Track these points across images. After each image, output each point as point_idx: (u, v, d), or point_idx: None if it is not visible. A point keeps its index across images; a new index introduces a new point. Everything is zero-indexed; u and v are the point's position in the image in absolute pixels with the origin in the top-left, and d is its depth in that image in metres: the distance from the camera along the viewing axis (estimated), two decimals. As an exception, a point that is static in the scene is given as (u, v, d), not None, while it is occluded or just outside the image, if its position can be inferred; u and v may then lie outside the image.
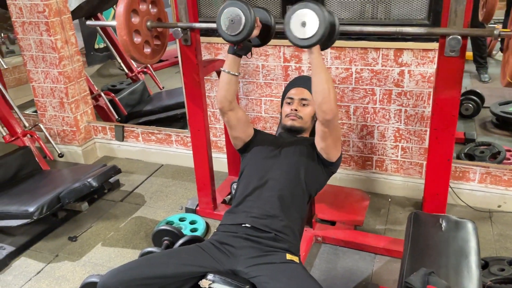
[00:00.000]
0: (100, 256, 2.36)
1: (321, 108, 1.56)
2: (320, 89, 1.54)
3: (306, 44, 1.53)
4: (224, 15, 1.64)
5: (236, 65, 1.72)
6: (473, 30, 1.65)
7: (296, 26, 1.51)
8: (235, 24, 1.61)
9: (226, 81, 1.73)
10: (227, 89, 1.73)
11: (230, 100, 1.75)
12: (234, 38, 1.63)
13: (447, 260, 1.53)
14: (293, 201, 1.65)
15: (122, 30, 2.00)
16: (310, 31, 1.49)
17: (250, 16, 1.59)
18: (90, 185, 2.36)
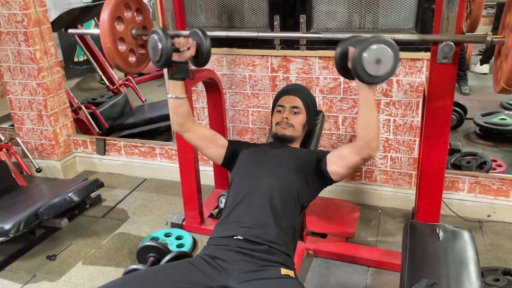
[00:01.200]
0: (80, 275, 2.24)
1: (370, 145, 1.53)
2: (372, 126, 1.52)
3: (374, 82, 1.45)
4: (149, 43, 1.66)
5: (177, 89, 1.69)
6: (465, 37, 1.65)
7: (370, 63, 1.40)
8: (155, 51, 1.62)
9: (172, 105, 1.72)
10: (174, 113, 1.73)
11: (181, 123, 1.74)
12: (158, 64, 1.64)
13: (447, 270, 1.48)
14: (285, 210, 1.59)
15: (107, 37, 1.93)
16: (384, 70, 1.41)
17: (166, 43, 1.57)
18: (71, 200, 2.25)
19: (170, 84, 1.69)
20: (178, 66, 1.66)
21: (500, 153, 3.33)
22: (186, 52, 1.64)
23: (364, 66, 1.41)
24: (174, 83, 1.68)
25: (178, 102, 1.70)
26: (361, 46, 1.40)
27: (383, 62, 1.40)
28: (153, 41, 1.60)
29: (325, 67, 2.51)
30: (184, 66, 1.67)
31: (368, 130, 1.51)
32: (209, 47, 1.71)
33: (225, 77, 2.74)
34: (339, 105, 2.58)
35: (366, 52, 1.40)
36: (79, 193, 2.29)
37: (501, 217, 2.50)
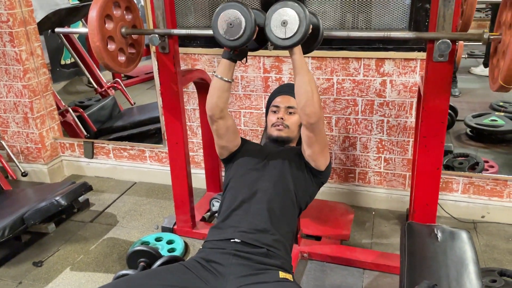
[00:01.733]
0: (68, 282, 2.16)
1: (305, 111, 1.49)
2: (303, 91, 1.47)
3: (286, 44, 1.46)
4: (221, 18, 1.52)
5: (230, 71, 1.61)
6: (462, 34, 1.63)
7: (276, 26, 1.45)
8: (234, 27, 1.49)
9: (218, 87, 1.61)
10: (218, 96, 1.62)
11: (221, 108, 1.64)
12: (233, 43, 1.52)
13: (447, 271, 1.45)
14: (283, 214, 1.54)
15: (95, 35, 1.87)
16: (291, 30, 1.43)
17: (250, 19, 1.48)
18: (58, 204, 2.17)
19: (225, 64, 1.59)
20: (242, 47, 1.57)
21: (491, 154, 3.33)
22: None
23: (271, 30, 1.44)
24: (230, 65, 1.59)
25: (227, 86, 1.61)
26: (269, 11, 1.46)
27: (289, 23, 1.42)
28: (232, 15, 1.47)
29: (318, 67, 2.48)
30: (245, 48, 1.61)
31: (299, 95, 1.47)
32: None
33: (217, 78, 2.69)
34: (332, 106, 2.55)
35: (272, 17, 1.44)
36: (67, 197, 2.21)
37: (495, 218, 2.50)
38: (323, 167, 1.66)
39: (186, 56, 2.69)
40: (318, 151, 1.60)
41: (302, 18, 1.42)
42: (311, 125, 1.51)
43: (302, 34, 1.42)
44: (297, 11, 1.42)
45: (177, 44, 2.09)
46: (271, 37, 1.47)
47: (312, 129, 1.52)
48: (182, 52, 2.66)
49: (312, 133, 1.54)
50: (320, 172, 1.66)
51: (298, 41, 1.44)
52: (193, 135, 2.90)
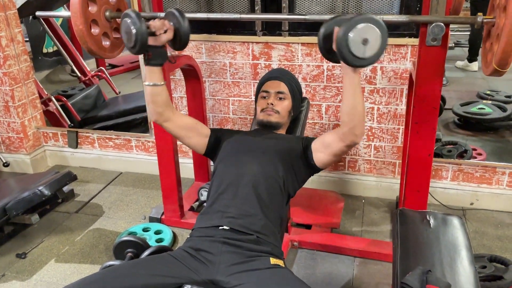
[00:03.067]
0: (53, 273, 2.11)
1: (354, 131, 1.45)
2: (358, 111, 1.43)
3: (361, 64, 1.34)
4: (122, 28, 1.52)
5: (155, 75, 1.56)
6: (456, 17, 1.61)
7: (356, 43, 1.28)
8: (128, 36, 1.48)
9: (149, 93, 1.59)
10: (153, 101, 1.59)
11: (159, 112, 1.61)
12: (133, 50, 1.50)
13: (441, 257, 1.43)
14: (271, 199, 1.51)
15: (78, 18, 1.81)
16: (371, 51, 1.30)
17: (140, 27, 1.44)
18: (42, 194, 2.10)
19: (147, 70, 1.57)
20: (154, 51, 1.53)
21: (479, 142, 3.35)
22: (162, 36, 1.52)
23: (350, 47, 1.29)
24: (151, 69, 1.56)
25: (156, 90, 1.57)
26: (346, 26, 1.29)
27: (370, 42, 1.29)
28: (126, 25, 1.46)
29: (308, 54, 2.44)
30: (161, 51, 1.55)
31: (352, 116, 1.43)
32: (187, 29, 1.58)
33: (204, 65, 2.63)
34: (322, 93, 2.51)
35: (352, 32, 1.29)
36: (51, 187, 2.14)
37: (483, 205, 2.50)
38: (326, 167, 1.64)
39: (173, 42, 2.62)
40: (337, 160, 1.60)
41: (385, 40, 1.31)
42: (355, 144, 1.50)
43: (378, 57, 1.32)
44: (382, 32, 1.30)
45: (164, 28, 2.02)
46: (345, 54, 1.31)
47: (351, 147, 1.52)
48: (168, 38, 2.59)
49: (348, 149, 1.53)
50: (318, 168, 1.63)
51: (371, 63, 1.34)
52: (181, 123, 2.84)
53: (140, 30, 1.44)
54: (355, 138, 1.47)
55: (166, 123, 1.64)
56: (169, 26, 1.54)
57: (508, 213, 2.46)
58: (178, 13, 1.57)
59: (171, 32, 1.54)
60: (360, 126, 1.45)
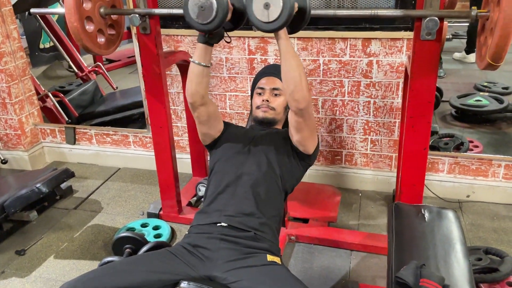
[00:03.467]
0: (52, 270, 2.12)
1: (293, 97, 1.43)
2: (291, 76, 1.42)
3: (270, 28, 1.37)
4: (191, 1, 1.43)
5: (208, 55, 1.53)
6: (450, 12, 1.60)
7: (258, 9, 1.34)
8: (205, 11, 1.40)
9: (197, 73, 1.55)
10: (198, 82, 1.55)
11: (202, 94, 1.58)
12: (206, 27, 1.43)
13: (435, 251, 1.45)
14: (269, 198, 1.52)
15: (72, 15, 1.80)
16: (274, 14, 1.34)
17: (222, 1, 1.39)
18: (39, 191, 2.11)
19: (201, 49, 1.51)
20: None
21: (476, 134, 3.36)
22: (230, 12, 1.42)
23: (254, 13, 1.35)
24: (207, 49, 1.51)
25: (205, 71, 1.54)
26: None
27: (271, 5, 1.33)
28: None
29: (304, 48, 2.44)
30: (221, 30, 1.51)
31: (287, 81, 1.42)
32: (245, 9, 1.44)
33: (201, 60, 2.63)
34: (319, 88, 2.52)
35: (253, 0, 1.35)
36: (48, 184, 2.15)
37: (480, 197, 2.52)
38: (312, 151, 1.63)
39: (169, 37, 2.62)
40: (308, 136, 1.57)
41: (285, 1, 1.33)
42: (301, 110, 1.46)
43: (286, 17, 1.34)
44: None
45: (159, 25, 2.03)
46: (253, 20, 1.38)
47: (302, 115, 1.48)
48: (164, 33, 2.59)
49: (302, 118, 1.50)
50: (308, 155, 1.64)
51: (282, 25, 1.36)
52: (178, 119, 2.85)
53: (224, 3, 1.39)
54: (297, 103, 1.44)
55: (202, 106, 1.60)
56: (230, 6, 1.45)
57: (504, 205, 2.47)
58: None
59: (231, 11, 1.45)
60: (299, 91, 1.42)
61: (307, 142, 1.59)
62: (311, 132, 1.57)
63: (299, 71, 1.41)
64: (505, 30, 1.36)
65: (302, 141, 1.59)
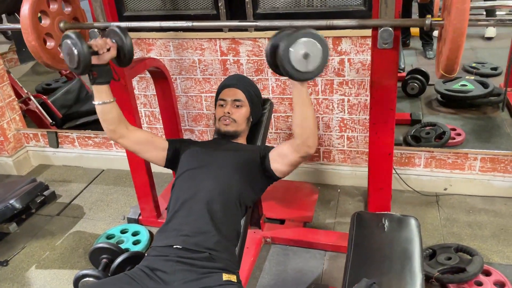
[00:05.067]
0: (34, 281, 2.18)
1: (307, 143, 1.46)
2: (308, 124, 1.44)
3: (304, 78, 1.35)
4: (63, 50, 1.48)
5: (103, 94, 1.55)
6: (404, 20, 1.57)
7: (297, 57, 1.30)
8: (70, 58, 1.45)
9: (100, 112, 1.58)
10: (105, 120, 1.59)
11: (113, 130, 1.61)
12: (77, 71, 1.47)
13: (391, 265, 1.47)
14: (225, 215, 1.53)
15: (29, 35, 1.79)
16: (313, 65, 1.31)
17: (81, 48, 1.41)
18: (13, 207, 2.15)
19: (94, 90, 1.55)
20: (99, 69, 1.52)
21: (460, 120, 3.33)
22: (106, 54, 1.50)
23: (291, 62, 1.31)
24: (99, 88, 1.55)
25: (106, 108, 1.57)
26: (287, 41, 1.30)
27: (312, 56, 1.31)
28: (67, 46, 1.44)
29: (275, 48, 2.41)
30: (106, 69, 1.53)
31: (303, 128, 1.44)
32: (130, 45, 1.55)
33: (174, 62, 2.61)
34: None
35: (293, 47, 1.30)
36: (21, 200, 2.19)
37: (457, 190, 2.52)
38: (283, 176, 1.65)
39: (140, 41, 2.60)
40: (294, 169, 1.60)
41: (326, 54, 1.32)
42: (308, 155, 1.51)
43: (320, 70, 1.34)
44: (322, 46, 1.31)
45: (121, 37, 2.00)
46: (286, 67, 1.31)
47: (306, 158, 1.53)
48: (135, 37, 2.57)
49: (303, 160, 1.54)
50: (276, 177, 1.65)
51: (314, 76, 1.35)
52: (156, 121, 2.85)
53: (82, 51, 1.42)
54: (308, 149, 1.48)
55: (121, 139, 1.64)
56: (112, 44, 1.53)
57: (481, 197, 2.48)
58: (119, 30, 1.55)
59: (114, 49, 1.53)
60: (312, 138, 1.46)
61: (286, 172, 1.63)
62: (297, 166, 1.61)
63: (314, 119, 1.44)
64: (455, 44, 1.34)
65: (284, 172, 1.63)
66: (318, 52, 1.31)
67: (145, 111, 2.86)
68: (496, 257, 2.08)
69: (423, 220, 2.35)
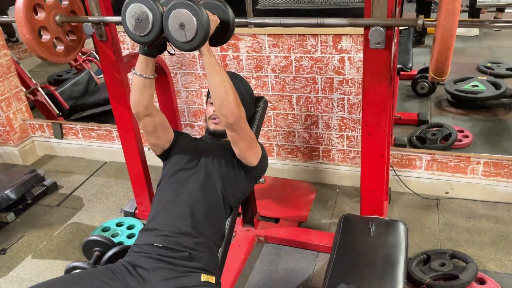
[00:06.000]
0: (28, 270, 2.22)
1: (221, 112, 1.43)
2: (217, 92, 1.40)
3: (188, 48, 1.34)
4: (128, 13, 1.40)
5: (149, 67, 1.52)
6: (396, 20, 1.52)
7: (175, 29, 1.32)
8: (142, 23, 1.38)
9: (138, 84, 1.53)
10: (140, 94, 1.55)
11: (145, 106, 1.57)
12: (143, 39, 1.41)
13: (373, 271, 1.44)
14: (208, 216, 1.52)
15: (23, 28, 1.79)
16: (190, 33, 1.31)
17: (157, 13, 1.36)
18: (8, 198, 2.18)
19: (142, 60, 1.50)
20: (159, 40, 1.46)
21: (469, 122, 3.24)
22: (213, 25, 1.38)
23: (171, 34, 1.33)
24: (147, 60, 1.50)
25: (148, 82, 1.53)
26: (165, 11, 1.33)
27: (187, 25, 1.30)
28: (139, 10, 1.36)
29: (275, 44, 2.38)
30: (163, 41, 1.50)
31: (214, 97, 1.41)
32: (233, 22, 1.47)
33: (174, 57, 2.61)
34: (292, 84, 2.46)
35: (168, 19, 1.32)
36: (16, 191, 2.22)
37: (459, 194, 2.46)
38: (255, 162, 1.61)
39: (142, 35, 2.59)
40: (246, 149, 1.55)
41: (199, 19, 1.29)
42: (231, 125, 1.46)
43: (202, 37, 1.31)
44: (192, 12, 1.29)
45: (116, 31, 2.00)
46: (171, 41, 1.35)
47: (233, 129, 1.47)
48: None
49: (234, 132, 1.49)
50: (253, 167, 1.62)
51: (199, 44, 1.33)
52: (157, 115, 2.85)
53: (159, 15, 1.36)
54: (225, 118, 1.44)
55: (147, 117, 1.60)
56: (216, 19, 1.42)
57: (483, 203, 2.41)
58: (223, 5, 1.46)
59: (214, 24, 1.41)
60: (226, 107, 1.41)
61: (246, 154, 1.58)
62: (248, 144, 1.55)
63: (224, 86, 1.39)
64: (444, 46, 1.29)
65: (241, 153, 1.58)
66: (191, 19, 1.29)
67: (146, 105, 2.86)
68: (493, 265, 2.02)
69: (421, 224, 2.30)
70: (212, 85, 1.40)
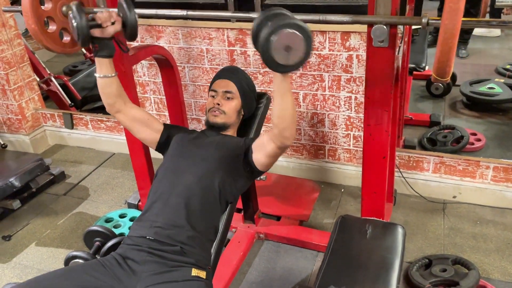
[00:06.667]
0: (31, 257, 2.25)
1: (283, 134, 1.42)
2: (286, 115, 1.38)
3: (285, 71, 1.27)
4: (69, 22, 1.47)
5: (104, 67, 1.55)
6: (400, 18, 1.48)
7: (279, 50, 1.19)
8: (72, 30, 1.45)
9: (100, 85, 1.59)
10: (103, 93, 1.60)
11: (111, 104, 1.62)
12: (78, 43, 1.47)
13: (366, 273, 1.41)
14: (203, 210, 1.51)
15: (30, 18, 1.82)
16: (294, 59, 1.21)
17: (80, 20, 1.40)
18: (12, 185, 2.22)
19: (96, 62, 1.55)
20: (101, 42, 1.51)
21: (483, 125, 3.16)
22: (110, 28, 1.48)
23: (272, 54, 1.21)
24: (100, 61, 1.54)
25: (106, 82, 1.57)
26: (270, 28, 1.19)
27: (294, 49, 1.20)
28: (69, 19, 1.45)
29: (283, 40, 2.34)
30: (108, 43, 1.52)
31: (281, 119, 1.38)
32: (134, 20, 1.52)
33: (182, 50, 2.60)
34: (299, 81, 2.43)
35: (274, 37, 1.19)
36: (21, 179, 2.25)
37: (466, 199, 2.39)
38: (267, 168, 1.61)
39: (151, 27, 2.60)
40: (274, 161, 1.56)
41: (309, 48, 1.21)
42: (285, 146, 1.47)
43: (303, 64, 1.25)
44: (306, 39, 1.19)
45: (121, 23, 2.00)
46: (267, 60, 1.22)
47: (283, 149, 1.49)
48: (146, 23, 2.58)
49: (281, 151, 1.50)
50: (257, 169, 1.61)
51: (300, 67, 1.26)
52: (165, 108, 2.86)
53: (80, 23, 1.42)
54: (285, 140, 1.43)
55: (117, 114, 1.65)
56: (117, 17, 1.49)
57: (491, 208, 2.34)
58: (125, 4, 1.50)
59: (119, 23, 1.49)
60: (289, 129, 1.40)
61: (270, 165, 1.58)
62: (277, 157, 1.56)
63: (293, 111, 1.39)
64: (446, 45, 1.25)
65: (267, 165, 1.58)
66: (300, 45, 1.21)
67: (154, 98, 2.87)
68: (496, 273, 1.96)
69: (426, 227, 2.25)
70: (282, 108, 1.37)
